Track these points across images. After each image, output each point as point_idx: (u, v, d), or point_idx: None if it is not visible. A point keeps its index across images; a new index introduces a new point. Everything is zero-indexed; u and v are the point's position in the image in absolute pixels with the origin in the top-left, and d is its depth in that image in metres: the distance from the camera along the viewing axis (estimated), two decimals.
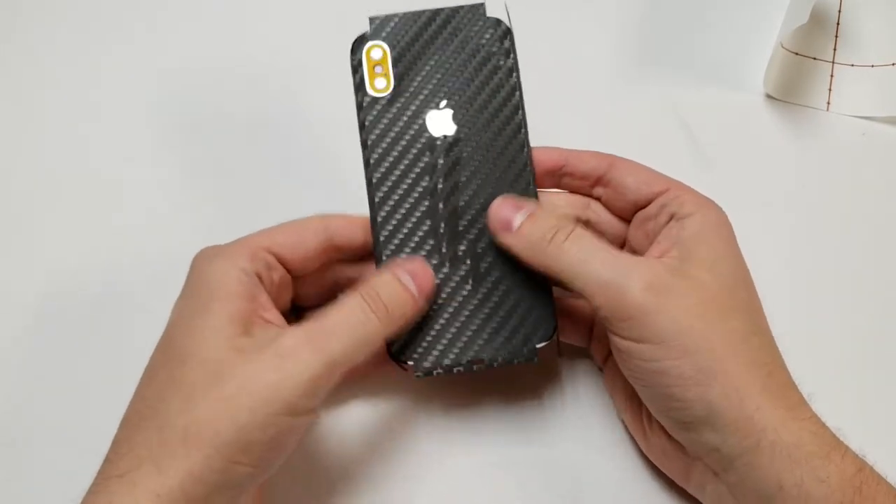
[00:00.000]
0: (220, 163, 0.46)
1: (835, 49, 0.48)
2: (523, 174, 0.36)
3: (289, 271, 0.35)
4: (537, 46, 0.49)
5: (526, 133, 0.37)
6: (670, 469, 0.36)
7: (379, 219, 0.36)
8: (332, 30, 0.41)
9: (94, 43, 0.50)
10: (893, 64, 0.47)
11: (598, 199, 0.38)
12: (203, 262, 0.33)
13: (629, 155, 0.46)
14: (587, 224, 0.37)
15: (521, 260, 0.34)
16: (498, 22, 0.37)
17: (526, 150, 0.37)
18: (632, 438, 0.38)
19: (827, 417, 0.32)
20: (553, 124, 0.47)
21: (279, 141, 0.47)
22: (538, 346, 0.35)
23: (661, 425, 0.34)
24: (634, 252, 0.37)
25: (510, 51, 0.37)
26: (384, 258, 0.36)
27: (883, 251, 0.44)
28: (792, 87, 0.48)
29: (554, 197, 0.38)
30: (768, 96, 0.48)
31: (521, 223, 0.34)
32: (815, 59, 0.48)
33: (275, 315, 0.33)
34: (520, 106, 0.37)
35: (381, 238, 0.36)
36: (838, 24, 0.48)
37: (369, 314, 0.31)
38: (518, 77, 0.37)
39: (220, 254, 0.32)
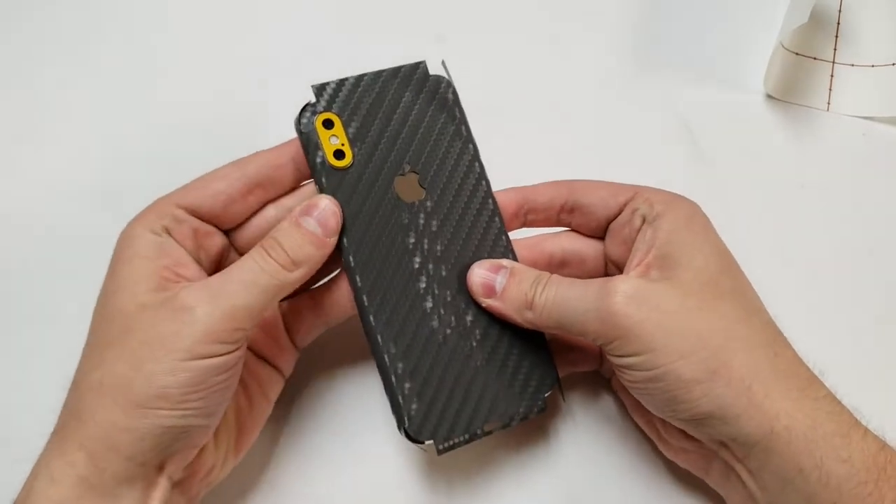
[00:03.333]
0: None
1: (835, 49, 0.48)
2: (495, 228, 0.36)
3: (212, 221, 0.35)
4: (537, 48, 0.49)
5: (488, 185, 0.36)
6: (689, 465, 0.36)
7: (366, 302, 0.34)
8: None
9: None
10: (893, 64, 0.47)
11: (567, 226, 0.38)
12: (122, 232, 0.33)
13: (630, 154, 0.46)
14: (563, 259, 0.37)
15: (509, 321, 0.35)
16: (440, 79, 0.36)
17: (492, 202, 0.36)
18: (636, 449, 0.38)
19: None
20: (553, 125, 0.47)
21: None
22: (546, 395, 0.35)
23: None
24: (617, 265, 0.36)
25: (456, 106, 0.36)
26: (380, 340, 0.34)
27: (883, 250, 0.44)
28: (792, 87, 0.48)
29: (525, 242, 0.37)
30: (768, 96, 0.48)
31: (503, 286, 0.34)
32: (815, 58, 0.48)
33: (192, 269, 0.33)
34: (476, 159, 0.36)
35: (374, 322, 0.34)
36: (838, 24, 0.48)
37: (268, 263, 0.32)
38: (468, 131, 0.36)
39: (133, 220, 0.33)
